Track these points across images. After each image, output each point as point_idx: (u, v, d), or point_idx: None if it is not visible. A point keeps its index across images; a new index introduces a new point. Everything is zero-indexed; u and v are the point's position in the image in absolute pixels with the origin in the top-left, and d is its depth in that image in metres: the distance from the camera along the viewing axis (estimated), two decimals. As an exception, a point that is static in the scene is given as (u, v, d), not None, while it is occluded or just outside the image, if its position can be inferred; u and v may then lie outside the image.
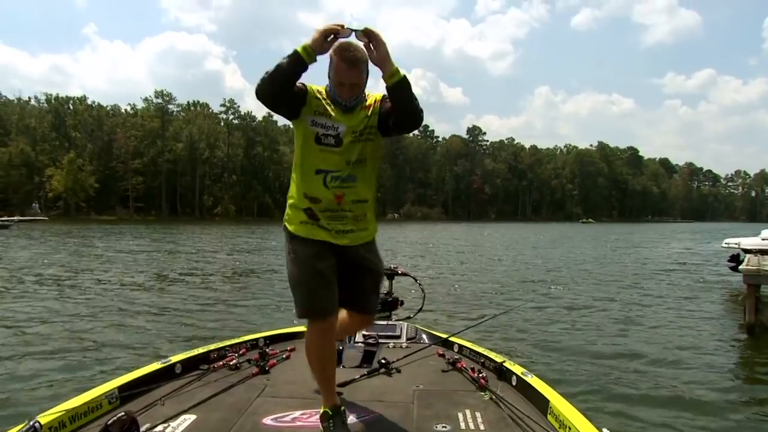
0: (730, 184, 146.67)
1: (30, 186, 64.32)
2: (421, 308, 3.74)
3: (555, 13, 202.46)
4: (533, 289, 11.06)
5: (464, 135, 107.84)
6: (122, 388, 2.17)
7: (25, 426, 1.70)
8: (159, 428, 1.90)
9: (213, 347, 2.83)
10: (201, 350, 2.76)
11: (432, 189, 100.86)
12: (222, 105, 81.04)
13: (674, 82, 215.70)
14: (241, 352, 2.88)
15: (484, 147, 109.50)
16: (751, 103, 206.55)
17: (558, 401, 2.02)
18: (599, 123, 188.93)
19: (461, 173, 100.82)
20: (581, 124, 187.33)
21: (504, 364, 2.54)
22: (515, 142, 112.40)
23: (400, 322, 3.37)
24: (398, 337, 3.24)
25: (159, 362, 2.51)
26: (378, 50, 1.86)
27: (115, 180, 70.27)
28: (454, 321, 7.22)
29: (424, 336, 3.32)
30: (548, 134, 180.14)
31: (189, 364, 2.59)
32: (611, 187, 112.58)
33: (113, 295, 9.40)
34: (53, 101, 72.24)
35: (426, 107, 1.99)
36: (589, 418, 1.86)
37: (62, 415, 1.85)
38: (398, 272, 3.63)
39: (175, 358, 2.57)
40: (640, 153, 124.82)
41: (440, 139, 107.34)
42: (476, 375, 2.45)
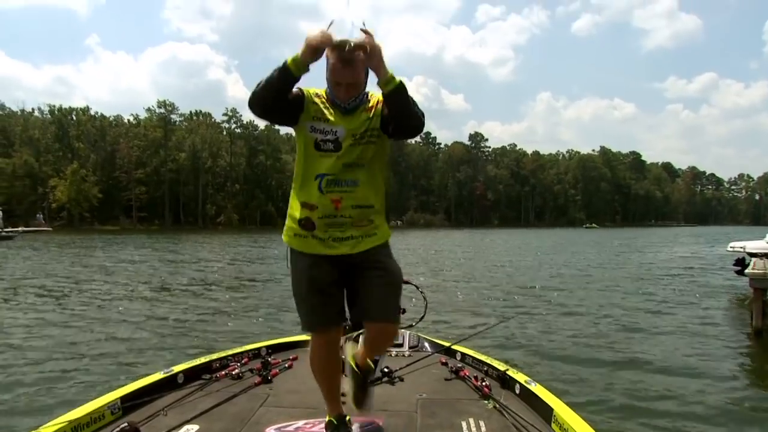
0: (734, 188, 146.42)
1: (34, 197, 64.60)
2: (424, 316, 3.72)
3: (555, 19, 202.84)
4: (536, 296, 11.00)
5: (466, 141, 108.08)
6: (125, 399, 2.16)
7: None
8: None
9: (215, 357, 2.83)
10: (203, 360, 2.76)
11: (435, 196, 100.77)
12: (224, 114, 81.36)
13: (676, 87, 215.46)
14: (244, 362, 2.87)
15: (487, 153, 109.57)
16: (753, 106, 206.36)
17: (562, 410, 2.01)
18: (601, 128, 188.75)
19: (464, 180, 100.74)
20: (583, 130, 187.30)
21: (507, 372, 2.52)
22: (517, 148, 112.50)
23: (403, 331, 3.36)
24: (401, 346, 3.23)
25: (161, 372, 2.50)
26: (371, 57, 1.76)
27: (119, 190, 70.56)
28: (457, 329, 7.16)
29: (427, 344, 3.30)
30: (550, 140, 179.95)
31: (191, 374, 2.58)
32: (614, 192, 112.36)
33: (115, 305, 9.39)
34: (56, 112, 72.66)
35: (428, 114, 1.92)
36: (594, 427, 1.85)
37: (65, 426, 1.85)
38: None
39: (178, 368, 2.56)
40: (643, 157, 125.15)
41: (442, 146, 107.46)
42: (479, 383, 2.43)
